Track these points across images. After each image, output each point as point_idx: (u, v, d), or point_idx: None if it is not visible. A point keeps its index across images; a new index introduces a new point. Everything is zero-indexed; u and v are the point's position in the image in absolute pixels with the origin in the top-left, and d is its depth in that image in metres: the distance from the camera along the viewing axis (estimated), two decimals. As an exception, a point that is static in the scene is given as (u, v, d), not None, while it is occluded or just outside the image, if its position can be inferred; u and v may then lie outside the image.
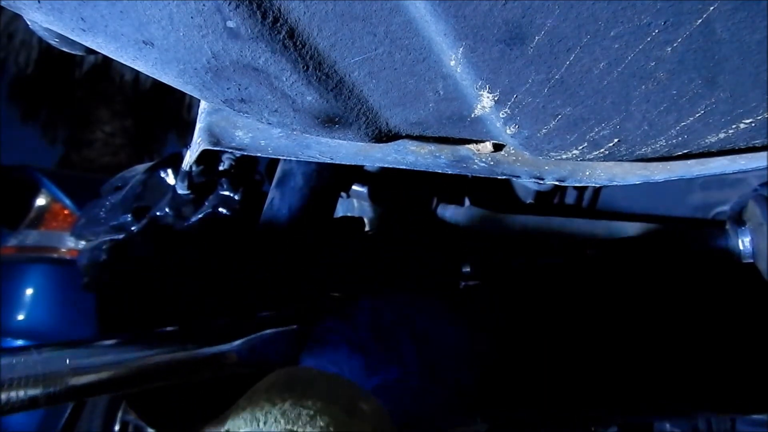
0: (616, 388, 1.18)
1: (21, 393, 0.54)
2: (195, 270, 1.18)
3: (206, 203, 1.21)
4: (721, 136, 0.51)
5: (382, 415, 0.58)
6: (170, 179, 1.26)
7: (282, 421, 0.50)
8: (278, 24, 0.45)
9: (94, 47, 0.53)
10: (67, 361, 0.56)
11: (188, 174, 1.17)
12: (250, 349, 0.69)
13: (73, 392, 0.57)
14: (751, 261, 0.83)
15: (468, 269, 1.12)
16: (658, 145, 0.53)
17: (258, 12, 0.44)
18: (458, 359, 0.77)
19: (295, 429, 0.50)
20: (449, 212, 1.29)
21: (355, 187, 1.28)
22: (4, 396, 0.53)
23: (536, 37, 0.42)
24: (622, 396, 1.17)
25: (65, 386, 0.56)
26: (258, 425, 0.50)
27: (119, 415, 2.74)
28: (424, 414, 0.71)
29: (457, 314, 0.83)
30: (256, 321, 0.74)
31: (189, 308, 1.05)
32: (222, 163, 1.22)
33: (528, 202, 1.34)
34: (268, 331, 0.72)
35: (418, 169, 0.72)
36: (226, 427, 0.52)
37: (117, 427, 2.73)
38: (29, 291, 2.71)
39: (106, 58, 0.58)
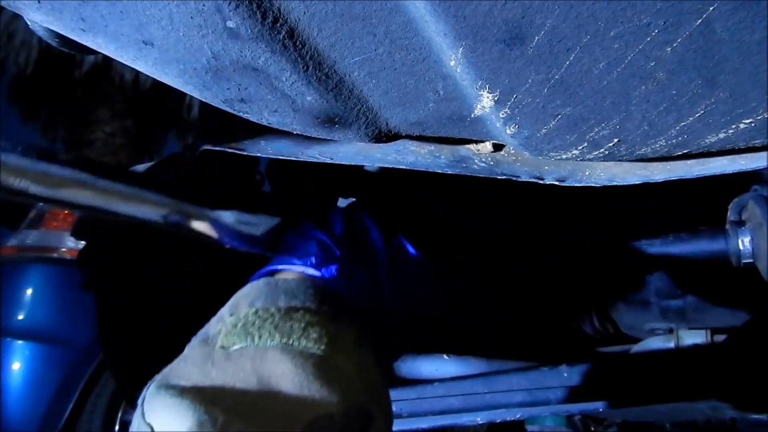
0: (614, 384, 1.18)
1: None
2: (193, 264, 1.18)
3: (206, 203, 1.21)
4: (721, 136, 0.51)
5: (363, 320, 0.58)
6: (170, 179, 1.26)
7: (277, 335, 0.50)
8: (278, 24, 0.45)
9: (94, 47, 0.53)
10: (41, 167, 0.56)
11: (188, 174, 1.17)
12: (240, 225, 0.68)
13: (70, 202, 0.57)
14: (751, 261, 0.82)
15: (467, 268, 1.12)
16: (658, 145, 0.53)
17: (258, 12, 0.44)
18: (429, 285, 0.76)
19: (290, 342, 0.49)
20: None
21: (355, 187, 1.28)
22: None
23: (536, 37, 0.42)
24: (620, 392, 1.17)
25: (41, 188, 0.55)
26: (253, 340, 0.49)
27: (119, 415, 2.75)
28: (392, 325, 0.71)
29: (434, 255, 0.82)
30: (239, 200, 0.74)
31: (186, 298, 1.05)
32: (222, 163, 1.22)
33: (525, 200, 1.34)
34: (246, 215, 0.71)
35: (418, 169, 0.72)
36: (219, 344, 0.50)
37: (117, 428, 2.73)
38: (29, 291, 2.71)
39: (106, 58, 0.58)
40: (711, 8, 0.38)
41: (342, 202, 1.35)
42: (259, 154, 0.75)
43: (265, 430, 0.44)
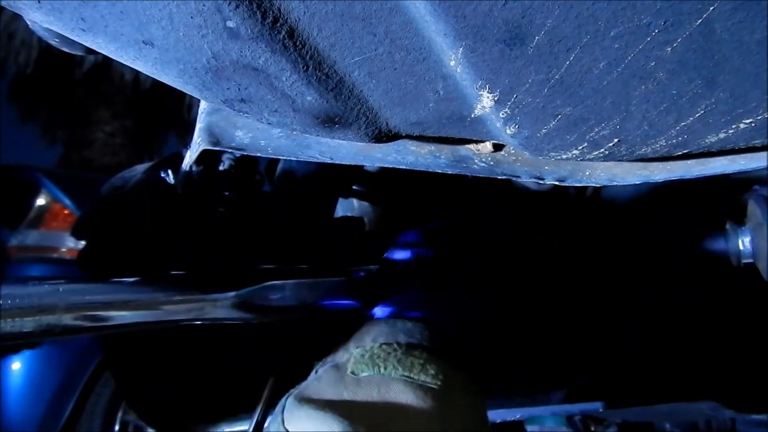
0: (613, 384, 1.18)
1: (16, 323, 0.54)
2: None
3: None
4: (721, 136, 0.51)
5: (466, 358, 0.65)
6: (170, 179, 1.26)
7: (399, 368, 0.56)
8: (278, 24, 0.45)
9: (94, 47, 0.53)
10: (62, 295, 0.56)
11: (188, 174, 1.17)
12: (247, 300, 0.68)
13: (66, 328, 0.57)
14: (751, 261, 0.82)
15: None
16: (658, 145, 0.53)
17: (258, 12, 0.44)
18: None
19: (411, 375, 0.56)
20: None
21: (355, 187, 1.28)
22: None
23: (536, 37, 0.42)
24: (620, 393, 1.18)
25: (59, 321, 0.56)
26: (379, 371, 0.56)
27: (119, 415, 2.75)
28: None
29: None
30: (257, 272, 0.73)
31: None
32: (222, 163, 1.22)
33: (525, 201, 1.34)
34: (269, 283, 0.71)
35: (418, 169, 0.72)
36: (350, 370, 0.57)
37: (117, 427, 2.74)
38: (29, 291, 2.70)
39: (106, 58, 0.58)
40: (711, 8, 0.38)
41: (342, 203, 1.35)
42: (259, 154, 0.75)
43: None
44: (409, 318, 0.65)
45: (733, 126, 0.49)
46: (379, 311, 0.71)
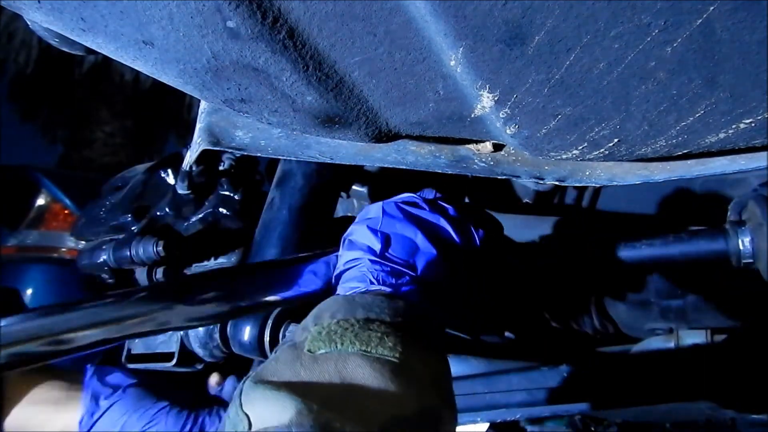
0: (613, 384, 1.18)
1: None
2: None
3: (206, 203, 1.21)
4: (721, 136, 0.51)
5: (429, 329, 0.64)
6: (170, 179, 1.26)
7: (356, 343, 0.56)
8: (278, 24, 0.45)
9: (94, 47, 0.53)
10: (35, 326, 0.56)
11: (188, 174, 1.17)
12: (213, 301, 0.69)
13: (39, 354, 0.57)
14: (751, 261, 0.82)
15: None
16: (658, 145, 0.53)
17: (258, 12, 0.44)
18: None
19: (368, 350, 0.56)
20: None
21: (355, 187, 1.28)
22: None
23: (536, 37, 0.42)
24: (620, 393, 1.18)
25: (29, 350, 0.56)
26: (336, 347, 0.56)
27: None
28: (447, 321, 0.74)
29: None
30: (221, 272, 0.73)
31: None
32: (222, 163, 1.22)
33: (525, 201, 1.34)
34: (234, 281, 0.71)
35: (418, 169, 0.72)
36: (306, 348, 0.57)
37: (117, 427, 2.73)
38: (29, 291, 2.70)
39: (106, 58, 0.58)
40: (711, 8, 0.38)
41: (342, 203, 1.34)
42: (259, 154, 0.75)
43: (350, 422, 0.50)
44: (371, 292, 0.65)
45: (733, 126, 0.49)
46: (342, 290, 0.70)
